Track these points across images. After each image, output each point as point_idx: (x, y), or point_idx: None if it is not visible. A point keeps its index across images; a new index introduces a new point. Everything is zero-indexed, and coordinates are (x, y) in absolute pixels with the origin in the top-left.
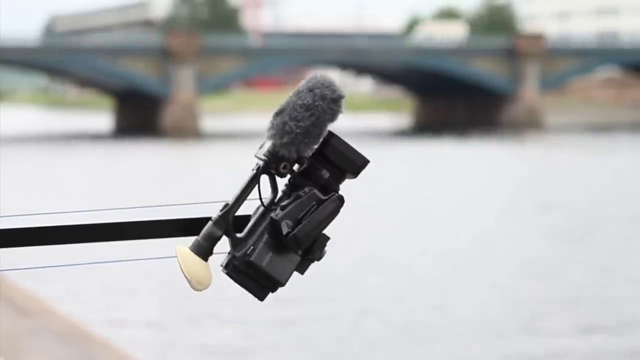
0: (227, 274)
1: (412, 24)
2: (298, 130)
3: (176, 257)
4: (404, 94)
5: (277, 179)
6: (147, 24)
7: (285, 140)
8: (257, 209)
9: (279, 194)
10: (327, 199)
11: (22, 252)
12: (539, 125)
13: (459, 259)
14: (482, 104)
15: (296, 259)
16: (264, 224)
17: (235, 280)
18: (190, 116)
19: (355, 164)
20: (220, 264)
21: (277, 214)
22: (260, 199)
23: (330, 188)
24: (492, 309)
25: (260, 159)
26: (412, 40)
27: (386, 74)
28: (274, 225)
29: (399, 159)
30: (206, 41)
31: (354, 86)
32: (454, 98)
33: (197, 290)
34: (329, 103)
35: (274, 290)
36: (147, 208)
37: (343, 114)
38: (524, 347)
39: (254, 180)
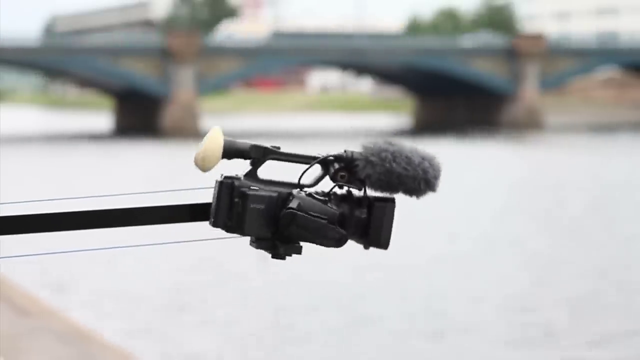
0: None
1: (413, 24)
2: (387, 165)
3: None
4: (404, 94)
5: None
6: (147, 24)
7: (373, 159)
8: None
9: (314, 186)
10: (334, 229)
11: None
12: (539, 125)
13: (460, 258)
14: (482, 104)
15: (269, 232)
16: (280, 193)
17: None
18: (190, 116)
19: (378, 239)
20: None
21: (298, 191)
22: (300, 178)
23: (347, 225)
24: (493, 314)
25: (333, 155)
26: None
27: (386, 74)
28: (286, 197)
29: None
30: (206, 41)
31: (354, 86)
32: (454, 98)
33: (196, 163)
34: (423, 178)
35: (238, 232)
36: (156, 194)
37: (420, 198)
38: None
39: (309, 161)
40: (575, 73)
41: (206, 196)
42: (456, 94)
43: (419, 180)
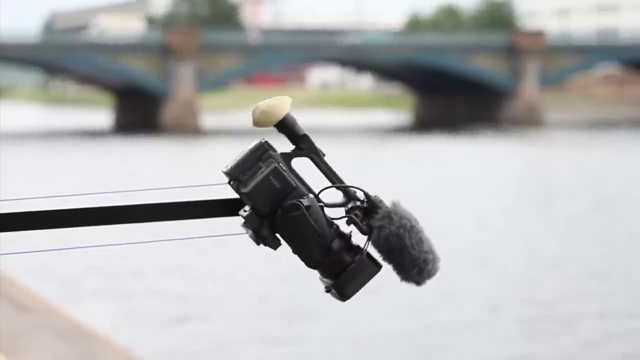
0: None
1: (414, 21)
2: (401, 231)
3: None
4: (404, 91)
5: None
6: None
7: (394, 217)
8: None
9: (328, 207)
10: (319, 251)
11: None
12: (539, 122)
13: (461, 252)
14: (482, 100)
15: (266, 209)
16: (299, 188)
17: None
18: (190, 113)
19: (344, 288)
20: None
21: (313, 198)
22: (320, 191)
23: (328, 257)
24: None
25: (360, 189)
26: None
27: (386, 71)
28: (300, 194)
29: (398, 155)
30: (206, 38)
31: (354, 83)
32: (453, 95)
33: (253, 113)
34: (419, 266)
35: (242, 189)
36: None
37: (402, 282)
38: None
39: (338, 182)
40: (575, 70)
41: (217, 193)
42: (456, 90)
43: (416, 264)
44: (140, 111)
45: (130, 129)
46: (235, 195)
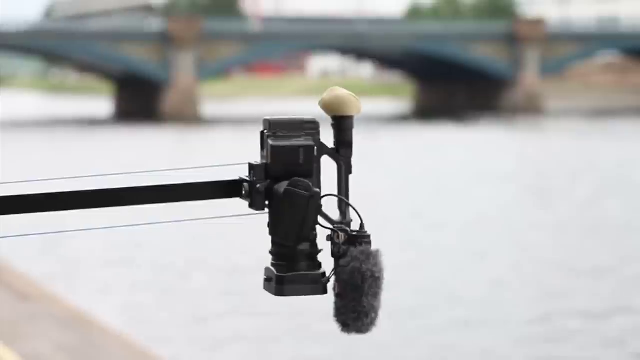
0: None
1: (414, 9)
2: (365, 273)
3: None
4: (404, 79)
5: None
6: (147, 8)
7: (370, 258)
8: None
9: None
10: (307, 237)
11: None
12: (539, 110)
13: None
14: (482, 89)
15: (269, 175)
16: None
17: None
18: (190, 101)
19: (288, 280)
20: None
21: (319, 193)
22: (323, 195)
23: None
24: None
25: (360, 217)
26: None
27: (387, 59)
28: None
29: (399, 143)
30: (206, 26)
31: (354, 71)
32: (454, 83)
33: (329, 96)
34: (359, 316)
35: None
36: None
37: (336, 321)
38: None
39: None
40: (576, 58)
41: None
42: (456, 78)
43: (359, 311)
44: (140, 99)
45: (130, 117)
46: (238, 177)
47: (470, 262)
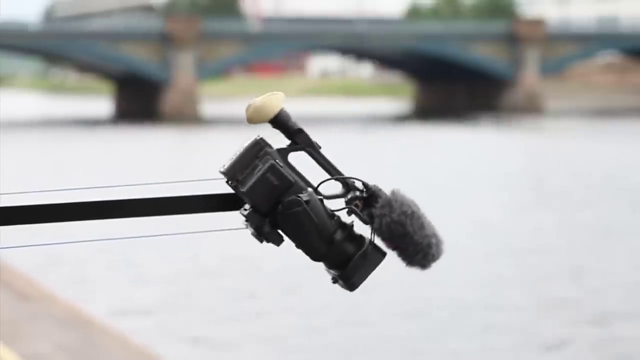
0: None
1: (414, 9)
2: (403, 218)
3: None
4: (404, 79)
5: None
6: (147, 8)
7: (394, 204)
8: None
9: (327, 199)
10: (321, 242)
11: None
12: (539, 110)
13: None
14: (482, 88)
15: (266, 207)
16: (297, 182)
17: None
18: (190, 101)
19: (351, 277)
20: None
21: (312, 192)
22: (319, 184)
23: (332, 248)
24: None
25: (361, 180)
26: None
27: (387, 59)
28: (299, 189)
29: (399, 143)
30: (206, 26)
31: (354, 71)
32: (454, 83)
33: (247, 110)
34: (423, 250)
35: (240, 188)
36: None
37: (407, 267)
38: None
39: (337, 174)
40: (576, 58)
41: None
42: (456, 78)
43: (420, 249)
44: (140, 99)
45: (130, 117)
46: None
47: (470, 262)
